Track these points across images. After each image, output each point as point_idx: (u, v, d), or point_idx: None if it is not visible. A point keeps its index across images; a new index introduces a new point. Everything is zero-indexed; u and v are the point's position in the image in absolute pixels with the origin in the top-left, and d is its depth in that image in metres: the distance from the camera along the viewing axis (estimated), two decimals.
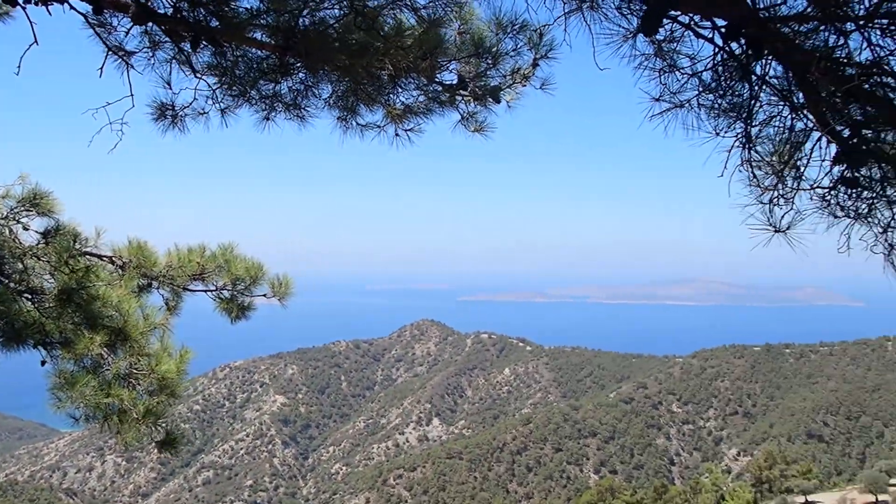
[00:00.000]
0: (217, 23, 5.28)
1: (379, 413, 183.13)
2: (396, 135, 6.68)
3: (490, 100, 6.33)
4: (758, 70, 4.34)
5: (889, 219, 4.30)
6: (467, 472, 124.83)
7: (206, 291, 7.86)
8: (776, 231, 4.37)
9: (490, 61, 6.02)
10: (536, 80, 6.18)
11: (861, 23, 3.70)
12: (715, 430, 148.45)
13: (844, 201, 4.37)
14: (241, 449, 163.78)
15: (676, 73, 4.57)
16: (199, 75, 6.27)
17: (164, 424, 6.92)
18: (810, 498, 58.63)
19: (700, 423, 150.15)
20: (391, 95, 6.37)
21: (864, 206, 4.33)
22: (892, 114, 3.74)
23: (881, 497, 54.04)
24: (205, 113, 6.62)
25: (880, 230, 4.34)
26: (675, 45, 4.49)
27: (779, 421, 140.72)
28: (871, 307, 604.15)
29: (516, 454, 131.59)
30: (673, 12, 4.26)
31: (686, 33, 4.41)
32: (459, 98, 6.43)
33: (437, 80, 6.20)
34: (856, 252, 4.45)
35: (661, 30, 4.36)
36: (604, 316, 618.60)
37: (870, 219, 4.35)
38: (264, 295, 7.88)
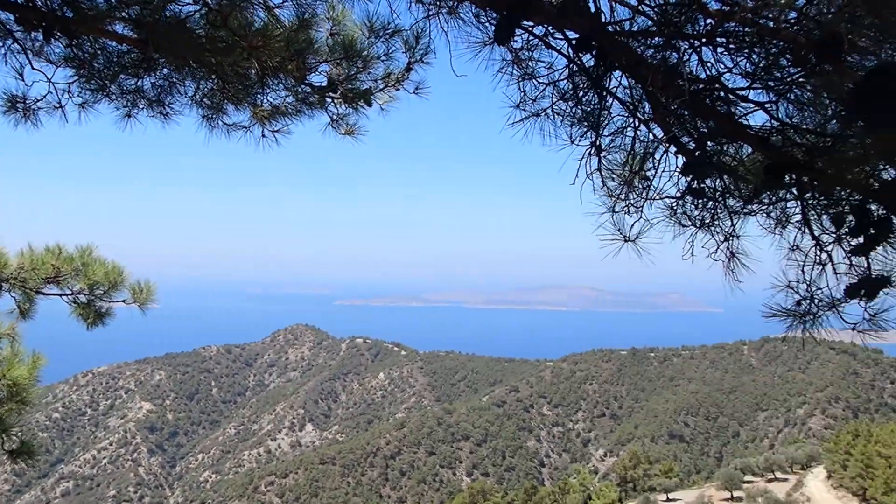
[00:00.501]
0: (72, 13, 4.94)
1: (250, 419, 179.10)
2: (263, 136, 6.54)
3: (362, 103, 6.22)
4: (613, 82, 4.41)
5: (730, 228, 4.41)
6: (340, 477, 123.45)
7: (61, 295, 7.43)
8: (626, 240, 4.45)
9: (360, 65, 5.94)
10: (410, 84, 6.17)
11: (702, 40, 3.75)
12: (583, 432, 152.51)
13: (691, 211, 4.49)
14: (104, 458, 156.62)
15: (535, 81, 4.59)
16: (53, 66, 5.95)
17: (17, 433, 6.43)
18: (671, 496, 60.69)
19: (569, 426, 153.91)
20: (259, 95, 6.23)
21: (707, 215, 4.45)
22: (731, 127, 3.80)
23: (736, 493, 56.49)
24: (61, 107, 6.27)
25: (722, 238, 4.43)
26: (531, 53, 4.53)
27: (643, 422, 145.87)
28: (729, 313, 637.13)
29: (390, 458, 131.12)
30: (527, 22, 4.26)
31: (543, 42, 4.45)
32: (329, 100, 6.34)
33: (306, 81, 6.08)
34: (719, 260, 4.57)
35: (518, 38, 4.41)
36: (478, 321, 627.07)
37: (713, 228, 4.46)
38: (124, 301, 7.56)
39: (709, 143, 4.11)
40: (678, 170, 4.28)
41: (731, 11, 3.30)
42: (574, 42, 4.11)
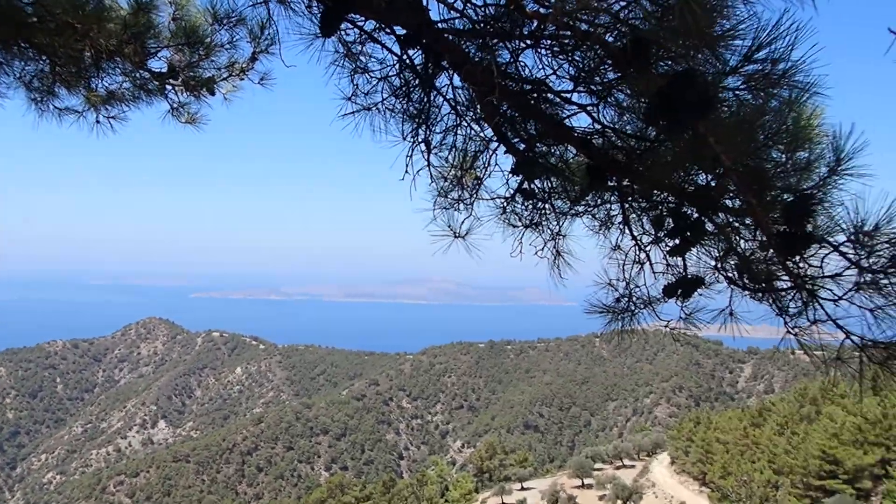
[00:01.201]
0: None
1: (99, 417, 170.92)
2: (97, 122, 6.15)
3: (204, 91, 5.98)
4: (446, 80, 4.43)
5: (557, 228, 4.50)
6: (195, 475, 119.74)
7: None
8: (456, 236, 4.49)
9: (203, 52, 5.73)
10: (256, 74, 6.01)
11: (528, 43, 3.76)
12: (442, 424, 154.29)
13: (521, 210, 4.56)
14: None
15: (367, 75, 4.56)
16: None
17: None
18: (525, 484, 62.12)
19: (428, 418, 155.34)
20: (94, 79, 5.83)
21: (536, 215, 4.53)
22: (556, 129, 3.86)
23: (587, 481, 58.42)
24: None
25: (549, 237, 4.51)
26: (363, 47, 4.49)
27: (500, 413, 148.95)
28: (582, 307, 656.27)
29: (247, 454, 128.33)
30: (357, 16, 4.22)
31: (377, 36, 4.40)
32: (170, 87, 6.08)
33: (145, 66, 5.77)
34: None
35: (352, 32, 4.38)
36: (339, 314, 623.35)
37: (541, 227, 4.53)
38: None
39: (538, 144, 4.16)
40: (509, 170, 4.31)
41: (544, 14, 3.31)
42: (401, 38, 4.08)
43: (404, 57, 4.27)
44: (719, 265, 3.72)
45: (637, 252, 4.03)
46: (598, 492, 54.47)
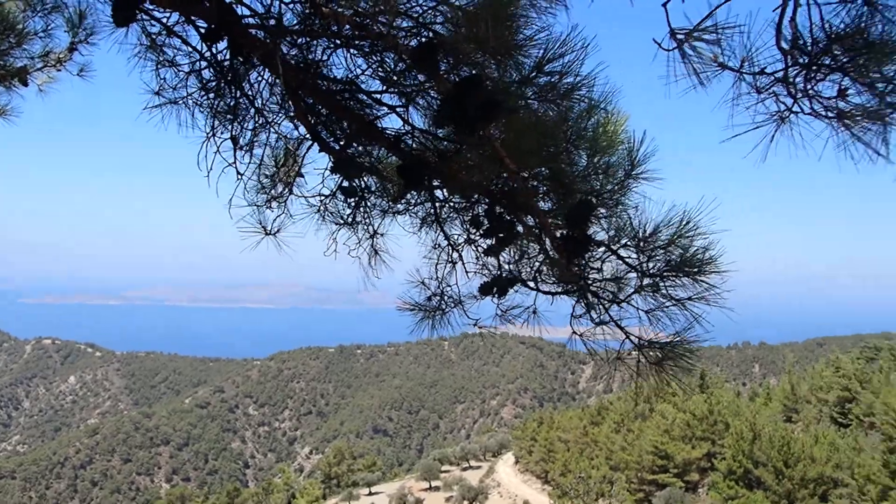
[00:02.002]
0: None
1: None
2: None
3: (16, 82, 5.59)
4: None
5: (376, 226, 4.55)
6: (21, 492, 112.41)
7: None
8: (266, 233, 4.52)
9: (14, 40, 5.27)
10: (74, 66, 5.63)
11: (339, 42, 3.79)
12: (290, 431, 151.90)
13: (339, 208, 4.59)
14: None
15: (175, 69, 4.41)
16: None
17: None
18: (374, 489, 62.07)
19: (276, 425, 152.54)
20: None
21: (358, 214, 4.58)
22: (367, 129, 3.88)
23: (434, 483, 59.01)
24: None
25: (367, 236, 4.56)
26: (167, 39, 4.33)
27: (349, 418, 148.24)
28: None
29: (80, 468, 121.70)
30: (153, 7, 4.04)
31: (183, 28, 4.25)
32: None
33: None
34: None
35: (157, 23, 4.21)
36: (182, 319, 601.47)
37: (359, 226, 4.59)
38: None
39: (353, 143, 4.18)
40: (329, 168, 4.31)
41: (341, 14, 3.33)
42: (203, 32, 3.96)
43: (206, 53, 4.17)
44: (515, 266, 3.86)
45: (450, 251, 4.11)
46: (446, 493, 55.15)
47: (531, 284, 3.77)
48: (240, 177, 4.45)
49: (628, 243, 3.34)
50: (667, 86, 2.88)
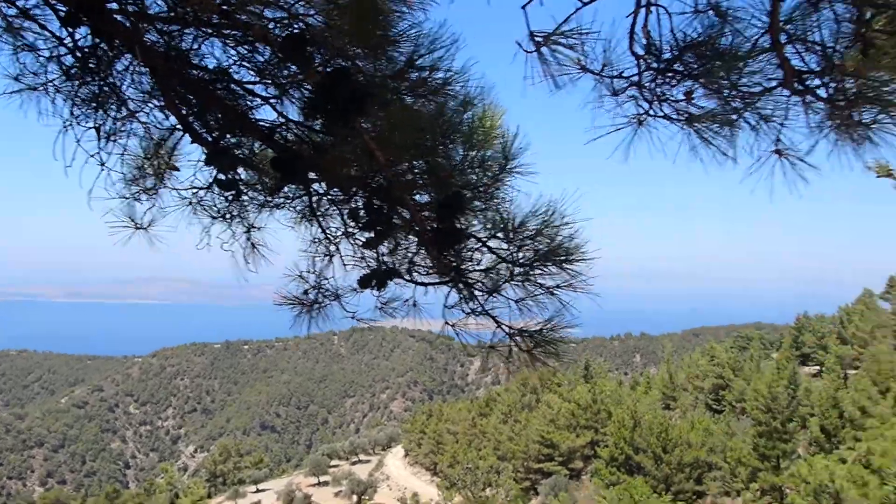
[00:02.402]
0: None
1: None
2: None
3: None
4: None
5: (253, 220, 4.47)
6: None
7: None
8: (137, 227, 4.39)
9: None
10: None
11: (211, 31, 3.66)
12: (173, 429, 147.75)
13: (214, 202, 4.46)
14: None
15: (36, 53, 4.12)
16: None
17: None
18: (261, 486, 61.03)
19: (158, 424, 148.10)
20: None
21: (235, 207, 4.46)
22: (241, 121, 3.80)
23: (323, 478, 58.51)
24: None
25: (244, 230, 4.47)
26: (24, 22, 4.04)
27: (236, 415, 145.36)
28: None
29: None
30: None
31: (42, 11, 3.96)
32: None
33: None
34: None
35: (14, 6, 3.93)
36: (59, 316, 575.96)
37: (234, 219, 4.48)
38: None
39: (227, 134, 4.07)
40: (203, 160, 4.16)
41: (206, 1, 3.23)
42: (63, 16, 3.76)
43: (66, 38, 3.94)
44: (391, 259, 3.83)
45: (328, 245, 4.04)
46: (335, 488, 54.79)
47: (407, 277, 3.77)
48: (103, 168, 4.20)
49: (499, 235, 3.38)
50: (532, 86, 2.98)
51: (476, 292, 3.58)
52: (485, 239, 3.38)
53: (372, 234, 3.62)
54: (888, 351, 46.19)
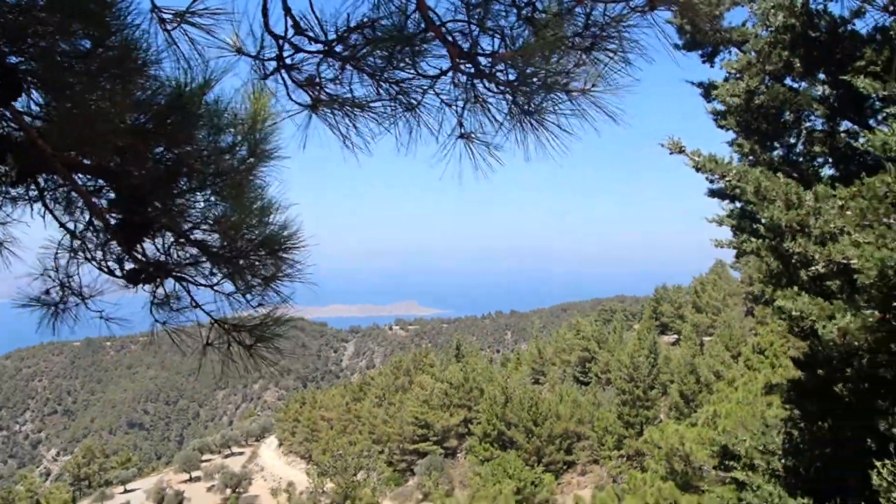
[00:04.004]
0: None
1: None
2: None
3: None
4: None
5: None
6: None
7: None
8: None
9: None
10: None
11: None
12: (32, 434, 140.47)
13: None
14: None
15: None
16: None
17: None
18: (129, 486, 58.94)
19: (16, 428, 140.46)
20: None
21: None
22: None
23: (195, 473, 57.03)
24: None
25: None
26: None
27: (100, 415, 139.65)
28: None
29: None
30: None
31: None
32: None
33: None
34: None
35: None
36: None
37: None
38: None
39: None
40: None
41: None
42: None
43: None
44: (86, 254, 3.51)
45: (71, 240, 3.59)
46: (207, 483, 53.57)
47: (105, 269, 3.47)
48: None
49: (204, 227, 3.19)
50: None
51: (191, 287, 3.40)
52: (186, 231, 3.17)
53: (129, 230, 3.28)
54: (738, 317, 49.16)
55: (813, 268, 8.94)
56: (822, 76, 11.81)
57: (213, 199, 3.18)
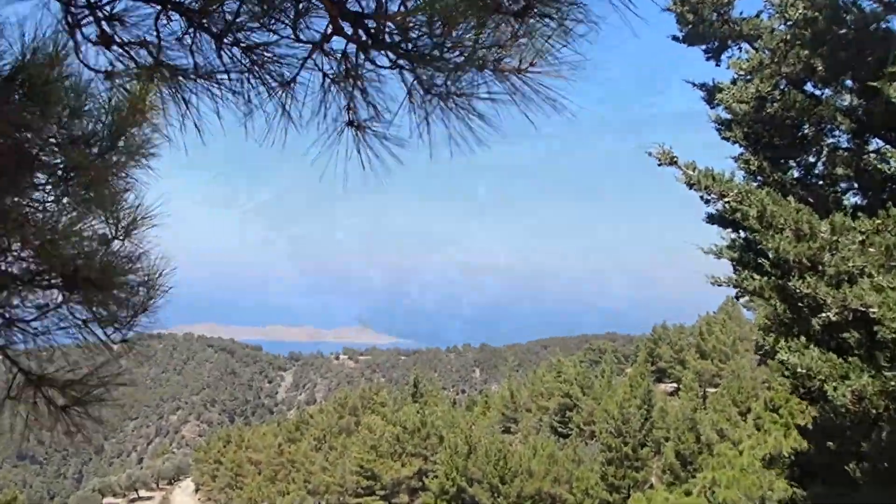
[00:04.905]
0: None
1: None
2: None
3: None
4: None
5: None
6: None
7: None
8: None
9: None
10: None
11: None
12: None
13: None
14: None
15: None
16: None
17: None
18: None
19: None
20: None
21: None
22: None
23: None
24: None
25: None
26: None
27: None
28: None
29: None
30: None
31: None
32: None
33: None
34: None
35: None
36: None
37: None
38: None
39: None
40: None
41: None
42: None
43: None
44: None
45: None
46: None
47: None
48: None
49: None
50: None
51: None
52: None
53: None
54: (750, 366, 49.19)
55: (824, 314, 8.78)
56: (848, 83, 11.48)
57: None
